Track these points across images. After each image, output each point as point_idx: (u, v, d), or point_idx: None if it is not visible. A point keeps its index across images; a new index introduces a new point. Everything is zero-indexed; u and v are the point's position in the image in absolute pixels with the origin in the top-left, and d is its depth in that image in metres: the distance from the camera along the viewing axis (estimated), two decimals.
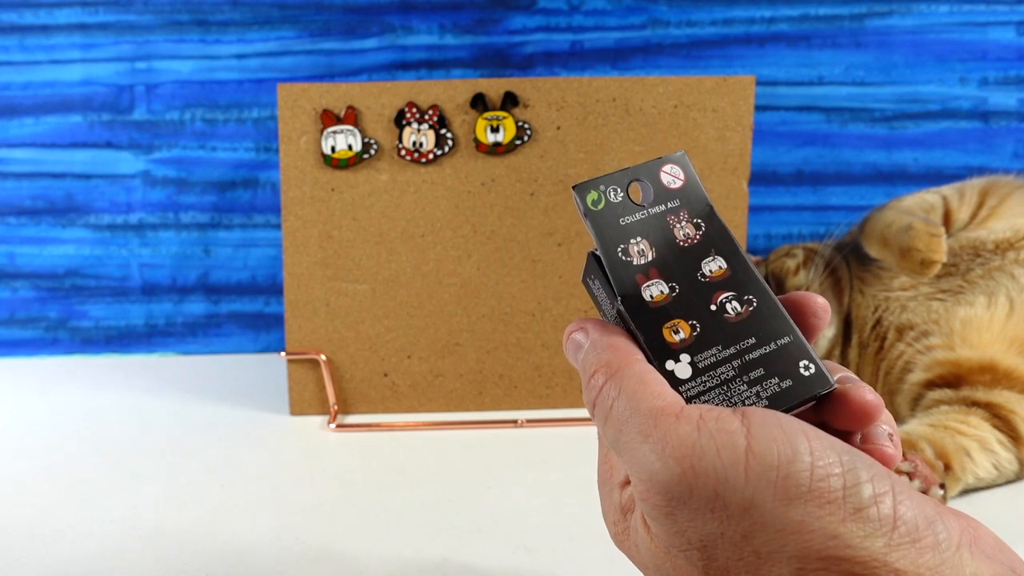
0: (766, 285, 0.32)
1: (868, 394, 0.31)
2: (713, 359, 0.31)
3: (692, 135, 0.67)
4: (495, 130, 0.66)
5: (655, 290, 0.32)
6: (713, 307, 0.32)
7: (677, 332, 0.31)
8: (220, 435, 0.66)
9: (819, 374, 0.31)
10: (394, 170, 0.67)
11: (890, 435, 0.31)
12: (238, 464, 0.61)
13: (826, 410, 0.31)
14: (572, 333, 0.33)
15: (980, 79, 0.82)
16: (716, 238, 0.33)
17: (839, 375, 0.32)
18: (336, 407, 0.68)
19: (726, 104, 0.67)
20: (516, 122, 0.66)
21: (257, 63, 0.79)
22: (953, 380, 0.61)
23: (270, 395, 0.72)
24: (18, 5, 0.77)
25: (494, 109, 0.66)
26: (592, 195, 0.32)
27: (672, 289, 0.32)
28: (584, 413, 0.69)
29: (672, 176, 0.33)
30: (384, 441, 0.65)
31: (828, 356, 0.69)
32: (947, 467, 0.53)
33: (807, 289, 0.69)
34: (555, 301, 0.69)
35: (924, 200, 0.68)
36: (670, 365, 0.31)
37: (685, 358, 0.31)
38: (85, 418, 0.69)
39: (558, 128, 0.67)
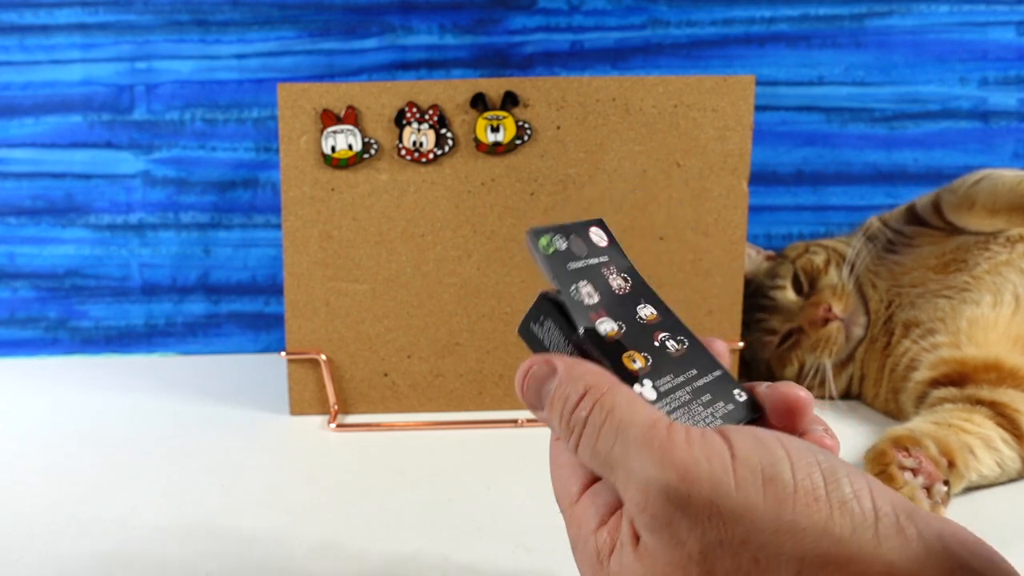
0: (688, 328, 0.36)
1: (799, 390, 0.34)
2: (670, 384, 0.34)
3: (692, 135, 0.67)
4: (495, 130, 0.66)
5: (607, 326, 0.34)
6: (656, 343, 0.35)
7: (635, 361, 0.34)
8: (220, 435, 0.66)
9: (749, 399, 0.35)
10: (394, 170, 0.67)
11: (825, 429, 0.33)
12: (238, 464, 0.61)
13: (762, 418, 0.34)
14: (531, 368, 0.34)
15: (980, 79, 0.82)
16: (642, 290, 0.37)
17: (763, 385, 0.35)
18: (336, 407, 0.68)
19: (726, 104, 0.67)
20: (516, 122, 0.66)
21: (257, 63, 0.79)
22: (958, 379, 0.61)
23: (270, 395, 0.72)
24: (18, 5, 0.77)
25: (494, 109, 0.66)
26: (543, 240, 0.35)
27: (620, 327, 0.35)
28: None
29: (599, 236, 0.37)
30: (384, 441, 0.65)
31: (853, 352, 0.70)
32: (951, 464, 0.53)
33: (842, 288, 0.69)
34: None
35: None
36: (637, 388, 0.33)
37: (648, 383, 0.33)
38: (85, 418, 0.69)
39: (558, 128, 0.67)
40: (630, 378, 0.33)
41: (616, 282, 0.36)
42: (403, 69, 0.79)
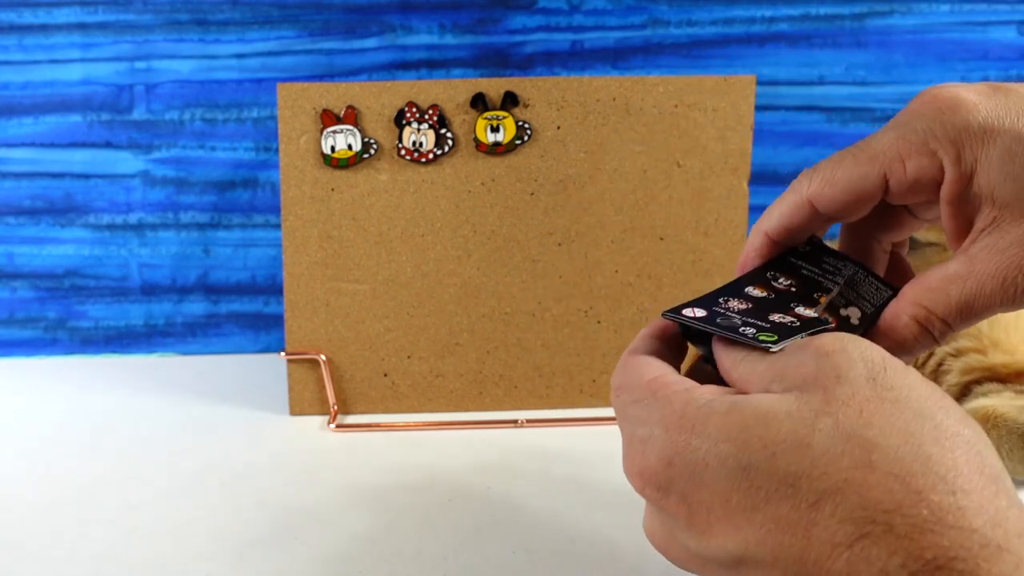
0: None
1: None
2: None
3: (692, 135, 0.67)
4: (495, 130, 0.66)
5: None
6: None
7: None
8: (220, 435, 0.66)
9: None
10: (394, 170, 0.67)
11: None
12: (238, 464, 0.61)
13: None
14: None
15: (981, 79, 0.82)
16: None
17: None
18: (336, 407, 0.68)
19: (726, 104, 0.67)
20: (516, 122, 0.66)
21: (257, 63, 0.79)
22: (995, 381, 0.61)
23: (270, 395, 0.72)
24: (17, 4, 0.77)
25: (494, 109, 0.66)
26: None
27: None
28: (584, 413, 0.69)
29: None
30: (384, 441, 0.65)
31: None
32: None
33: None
34: (555, 301, 0.69)
35: None
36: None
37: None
38: (85, 418, 0.69)
39: (558, 128, 0.67)
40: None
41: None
42: (403, 69, 0.79)
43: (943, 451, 0.28)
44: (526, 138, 0.67)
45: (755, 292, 0.40)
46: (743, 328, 0.36)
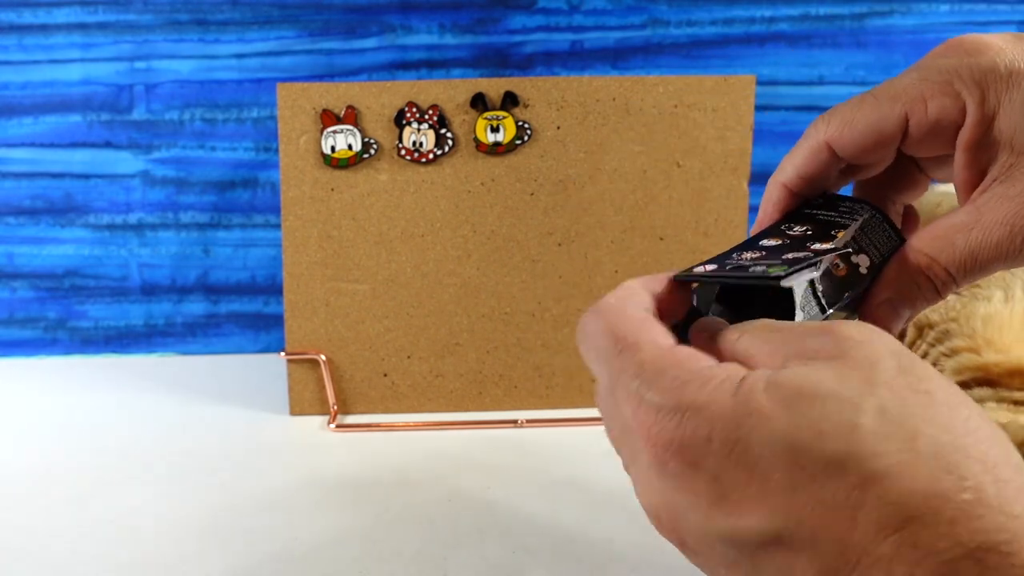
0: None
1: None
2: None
3: (692, 135, 0.67)
4: (495, 130, 0.66)
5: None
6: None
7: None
8: (220, 435, 0.66)
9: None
10: (394, 170, 0.67)
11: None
12: (238, 464, 0.61)
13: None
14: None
15: None
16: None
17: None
18: (336, 407, 0.68)
19: (726, 104, 0.67)
20: (516, 122, 0.66)
21: (257, 63, 0.79)
22: (986, 383, 0.61)
23: (270, 395, 0.72)
24: (17, 4, 0.77)
25: (494, 109, 0.66)
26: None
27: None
28: (584, 413, 0.69)
29: None
30: (384, 441, 0.65)
31: None
32: None
33: None
34: (555, 301, 0.69)
35: None
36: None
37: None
38: (84, 418, 0.69)
39: (558, 128, 0.67)
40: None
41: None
42: (403, 69, 0.79)
43: (977, 442, 0.28)
44: (526, 138, 0.67)
45: (770, 243, 0.39)
46: (752, 268, 0.35)
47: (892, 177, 0.41)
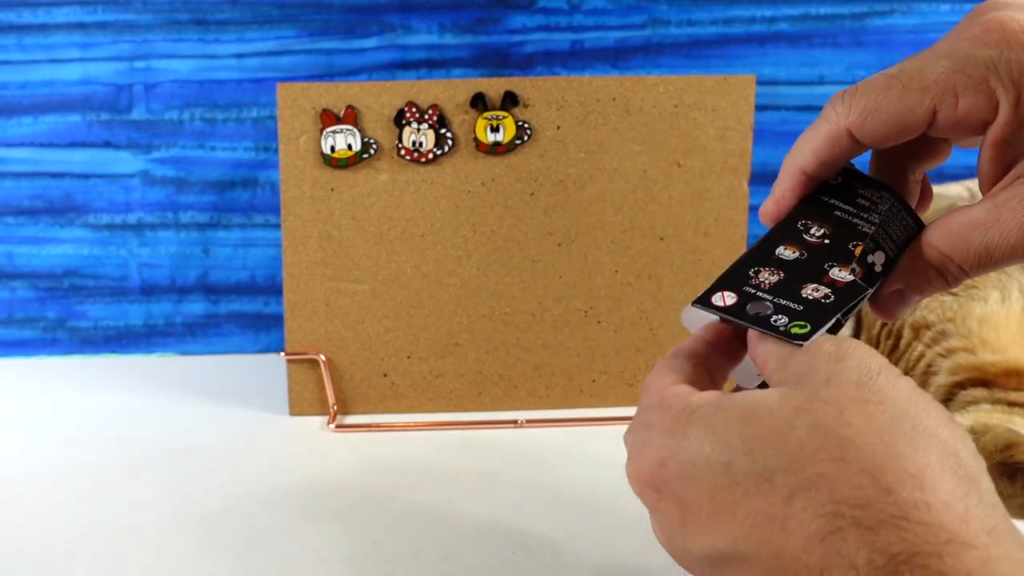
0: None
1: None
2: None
3: (692, 135, 0.67)
4: (495, 130, 0.66)
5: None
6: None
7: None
8: (220, 435, 0.66)
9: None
10: (394, 170, 0.67)
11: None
12: (238, 464, 0.61)
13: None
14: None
15: None
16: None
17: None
18: (336, 407, 0.68)
19: (726, 103, 0.67)
20: (516, 122, 0.66)
21: (256, 63, 0.79)
22: (981, 383, 0.61)
23: (270, 395, 0.72)
24: (16, 4, 0.77)
25: (494, 109, 0.66)
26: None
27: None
28: (584, 413, 0.69)
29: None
30: (384, 441, 0.65)
31: None
32: None
33: None
34: (555, 301, 0.69)
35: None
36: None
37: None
38: (84, 418, 0.69)
39: (558, 128, 0.67)
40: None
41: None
42: (403, 69, 0.79)
43: (916, 450, 0.28)
44: (526, 138, 0.67)
45: (787, 253, 0.39)
46: (775, 318, 0.36)
47: (914, 147, 0.40)
